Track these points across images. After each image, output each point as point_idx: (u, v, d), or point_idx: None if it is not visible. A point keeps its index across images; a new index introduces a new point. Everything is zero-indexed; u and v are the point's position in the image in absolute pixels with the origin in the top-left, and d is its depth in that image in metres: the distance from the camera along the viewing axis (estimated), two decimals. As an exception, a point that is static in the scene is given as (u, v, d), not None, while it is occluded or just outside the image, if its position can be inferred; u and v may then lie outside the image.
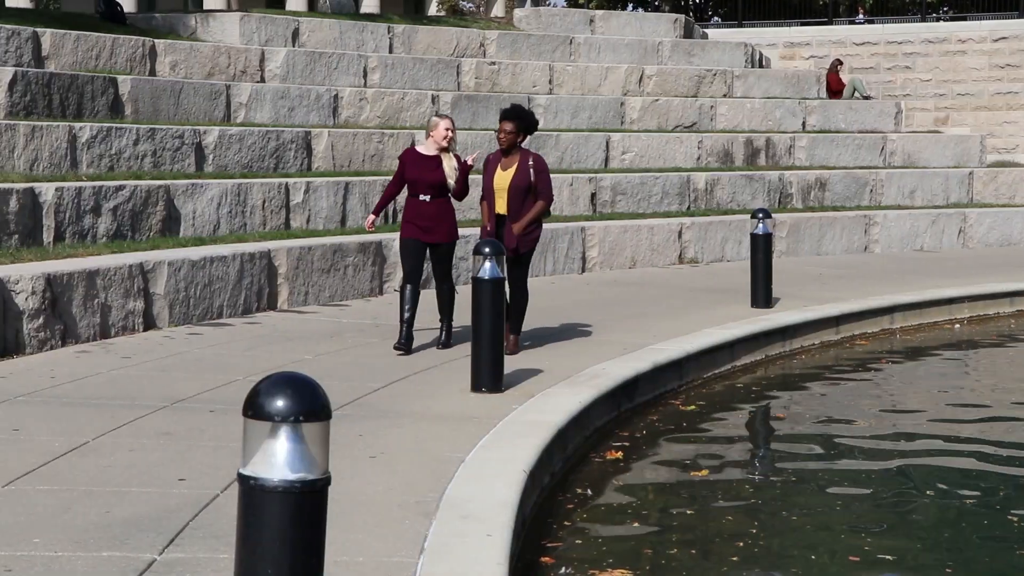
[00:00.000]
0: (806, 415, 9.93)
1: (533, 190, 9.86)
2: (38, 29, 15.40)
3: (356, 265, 13.40)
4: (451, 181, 9.93)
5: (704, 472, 8.01)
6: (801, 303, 13.49)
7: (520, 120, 9.93)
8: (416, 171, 9.96)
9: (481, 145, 17.84)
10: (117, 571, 4.85)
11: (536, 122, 10.13)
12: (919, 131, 24.94)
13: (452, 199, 10.14)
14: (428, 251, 10.04)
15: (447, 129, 10.02)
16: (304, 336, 10.77)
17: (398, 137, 17.00)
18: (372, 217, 10.33)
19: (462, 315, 10.89)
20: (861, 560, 6.29)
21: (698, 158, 20.48)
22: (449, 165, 9.94)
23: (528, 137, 10.17)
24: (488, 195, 9.98)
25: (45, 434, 7.02)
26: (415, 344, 10.07)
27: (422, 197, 9.92)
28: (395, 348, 9.88)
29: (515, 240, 9.76)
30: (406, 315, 9.90)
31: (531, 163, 9.88)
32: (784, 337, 12.25)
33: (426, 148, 10.08)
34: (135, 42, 16.58)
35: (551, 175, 10.52)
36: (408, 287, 9.94)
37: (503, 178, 9.91)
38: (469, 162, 10.00)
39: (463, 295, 12.49)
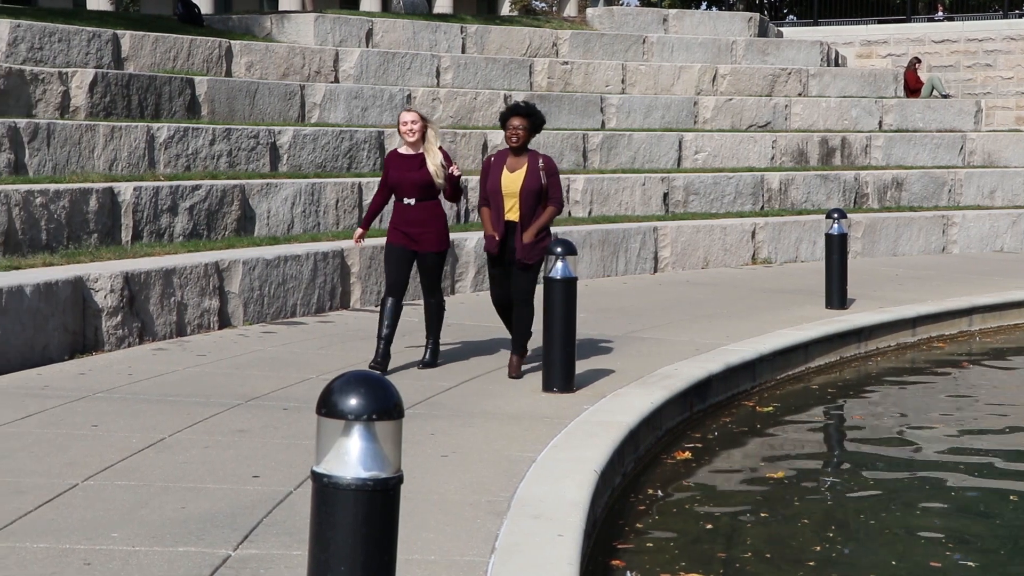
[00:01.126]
0: (883, 418, 9.79)
1: (543, 194, 8.94)
2: (118, 31, 15.64)
3: (428, 264, 13.43)
4: (438, 180, 9.02)
5: (780, 474, 7.92)
6: (877, 304, 13.32)
7: (532, 117, 9.06)
8: (398, 173, 9.06)
9: (554, 146, 17.83)
10: (193, 566, 4.90)
11: (544, 120, 9.27)
12: (999, 130, 24.51)
13: (442, 202, 9.32)
14: (416, 261, 9.16)
15: (405, 123, 9.07)
16: (375, 336, 10.81)
17: (470, 137, 17.03)
18: (360, 231, 9.39)
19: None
20: (942, 566, 6.19)
21: (772, 158, 20.29)
22: (434, 163, 8.99)
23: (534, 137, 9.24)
24: (494, 199, 8.94)
25: (123, 430, 7.12)
26: (391, 364, 9.11)
27: (407, 201, 9.04)
28: (370, 367, 8.80)
29: (527, 250, 8.81)
30: (384, 331, 8.96)
31: (541, 165, 8.96)
32: (860, 339, 12.10)
33: (406, 148, 9.17)
34: (212, 43, 16.77)
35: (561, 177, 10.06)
36: (389, 300, 9.04)
37: (513, 181, 8.92)
38: (455, 172, 9.06)
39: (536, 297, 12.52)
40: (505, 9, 36.54)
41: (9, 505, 5.59)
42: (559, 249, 8.58)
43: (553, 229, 15.31)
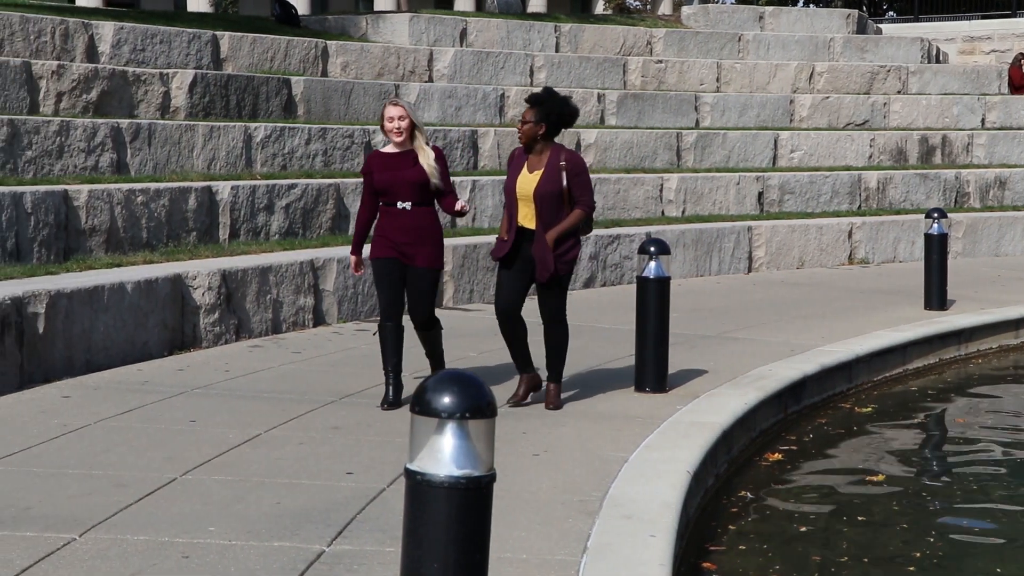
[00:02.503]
0: (985, 421, 9.59)
1: (568, 197, 7.62)
2: (217, 32, 15.89)
3: (521, 263, 13.45)
4: (434, 180, 7.70)
5: (879, 477, 7.79)
6: (978, 305, 13.05)
7: (544, 106, 7.57)
8: (388, 174, 7.71)
9: (647, 144, 17.75)
10: (287, 561, 4.96)
11: (571, 112, 7.68)
12: (1106, 128, 23.85)
13: (439, 211, 7.95)
14: (405, 279, 7.80)
15: (391, 119, 7.72)
16: (469, 333, 10.85)
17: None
18: (354, 259, 7.95)
19: (613, 315, 10.90)
20: (1043, 574, 6.04)
21: (870, 156, 19.99)
22: (427, 161, 7.71)
23: (562, 131, 7.85)
24: (509, 202, 7.80)
25: (220, 426, 7.23)
26: (386, 397, 7.84)
27: (401, 205, 7.70)
28: (382, 407, 7.72)
29: (549, 259, 7.55)
30: (391, 360, 7.78)
31: (563, 162, 7.57)
32: (960, 340, 11.85)
33: (391, 147, 7.86)
34: (308, 44, 16.97)
35: (591, 176, 8.66)
36: (388, 325, 7.81)
37: (527, 182, 7.67)
38: (458, 208, 7.76)
39: (619, 294, 12.47)
40: (599, 8, 36.49)
41: (111, 498, 5.70)
42: (652, 248, 8.54)
43: (647, 228, 15.37)
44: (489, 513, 3.36)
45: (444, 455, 3.26)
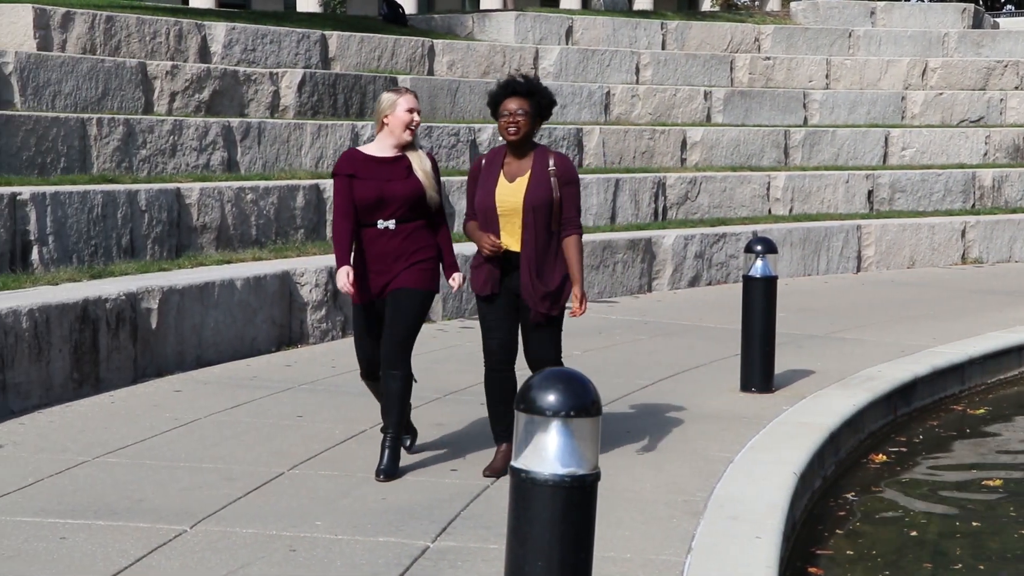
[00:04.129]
0: (1102, 427, 9.31)
1: (556, 210, 6.13)
2: (326, 32, 16.07)
3: (625, 262, 13.41)
4: (432, 192, 6.22)
5: (995, 482, 7.59)
6: (1097, 307, 12.68)
7: (536, 96, 6.16)
8: (375, 185, 6.12)
9: (754, 142, 17.55)
10: (392, 556, 4.99)
11: (554, 100, 6.30)
12: None
13: (427, 224, 6.28)
14: (386, 306, 6.21)
15: (410, 111, 6.32)
16: (573, 332, 10.81)
17: (668, 134, 16.91)
18: (346, 270, 6.09)
19: (718, 315, 10.83)
20: None
21: (985, 154, 19.52)
22: (423, 169, 6.23)
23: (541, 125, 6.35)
24: (486, 221, 6.17)
25: (326, 421, 7.31)
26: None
27: (383, 224, 6.10)
28: (377, 477, 6.10)
29: (544, 303, 6.19)
30: (392, 420, 6.17)
31: (552, 167, 6.13)
32: (1078, 343, 11.52)
33: (381, 146, 6.30)
34: (415, 43, 17.10)
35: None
36: (369, 383, 6.59)
37: (509, 194, 6.12)
38: (454, 285, 6.31)
39: (725, 293, 12.32)
40: (706, 5, 36.17)
41: (220, 491, 5.80)
42: (759, 247, 8.45)
43: (753, 227, 15.19)
44: (593, 512, 3.34)
45: (549, 453, 3.26)
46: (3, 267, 8.95)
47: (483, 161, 6.29)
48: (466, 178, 6.60)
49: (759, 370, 8.35)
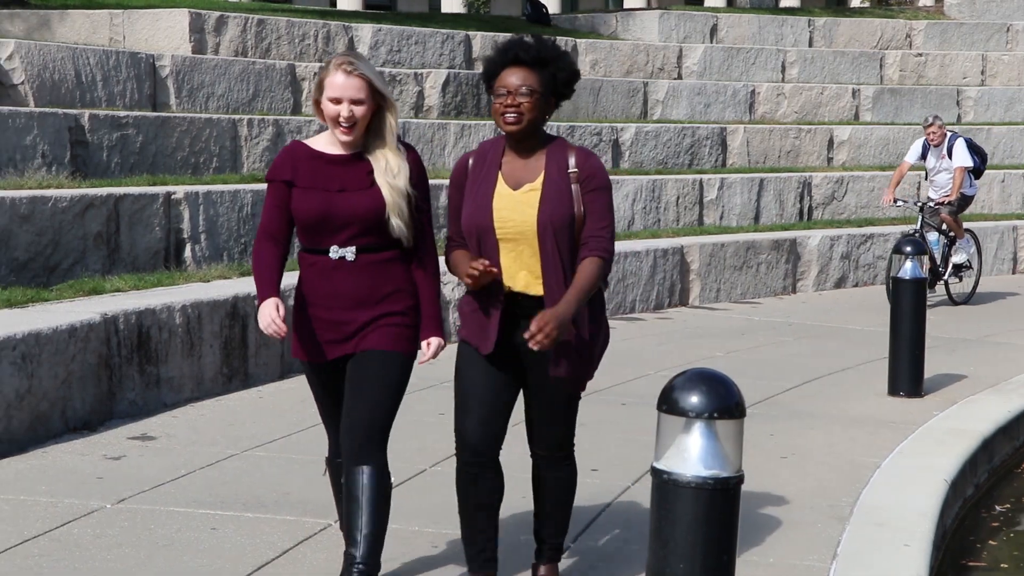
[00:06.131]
0: None
1: (577, 230, 4.27)
2: (470, 32, 16.21)
3: (768, 262, 13.23)
4: (397, 214, 4.26)
5: None
6: None
7: (548, 67, 4.33)
8: (320, 197, 4.28)
9: (904, 141, 17.13)
10: (531, 555, 5.00)
11: (576, 73, 4.44)
12: None
13: (406, 254, 4.36)
14: (347, 371, 4.38)
15: (338, 101, 4.27)
16: (715, 333, 10.73)
17: (815, 133, 16.63)
18: (275, 315, 4.27)
19: (865, 316, 10.57)
20: None
21: None
22: (387, 175, 4.28)
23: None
24: (479, 243, 4.31)
25: (468, 418, 7.35)
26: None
27: (337, 253, 4.29)
28: None
29: (581, 359, 4.46)
30: (366, 546, 4.27)
31: (573, 168, 4.28)
32: None
33: (330, 141, 4.38)
34: (558, 42, 17.12)
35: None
36: (339, 462, 4.55)
37: (516, 208, 4.28)
38: (426, 354, 4.49)
39: (872, 295, 12.06)
40: (855, 1, 35.48)
41: (363, 485, 5.88)
42: (908, 248, 8.28)
43: (902, 227, 14.80)
44: (737, 515, 3.30)
45: (691, 455, 3.23)
46: (158, 264, 9.24)
47: (470, 160, 4.38)
48: (610, 177, 4.35)
49: (908, 374, 8.17)
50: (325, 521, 5.32)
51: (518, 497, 5.09)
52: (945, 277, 12.67)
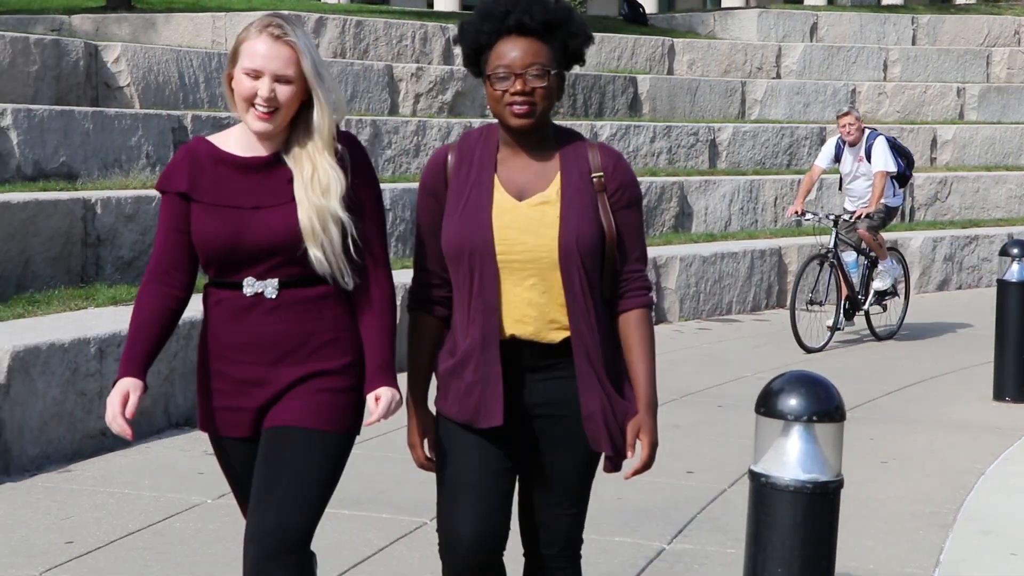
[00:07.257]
0: None
1: (608, 256, 3.15)
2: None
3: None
4: (316, 243, 3.04)
5: None
6: None
7: (558, 34, 3.12)
8: (225, 217, 3.08)
9: (1011, 140, 16.76)
10: (627, 556, 4.98)
11: (590, 37, 3.19)
12: None
13: (344, 294, 3.13)
14: (260, 447, 3.14)
15: (256, 74, 3.01)
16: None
17: (918, 132, 16.33)
18: (119, 413, 3.03)
19: (969, 320, 10.29)
20: None
21: None
22: (307, 187, 3.06)
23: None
24: (472, 274, 3.13)
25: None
26: None
27: (252, 289, 3.09)
28: None
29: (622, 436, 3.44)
30: None
31: (598, 173, 3.16)
32: None
33: (242, 138, 3.14)
34: (655, 42, 17.04)
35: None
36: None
37: (526, 225, 3.12)
38: (373, 414, 3.15)
39: (976, 297, 11.77)
40: (959, -2, 34.85)
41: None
42: (1015, 250, 8.10)
43: (1009, 229, 14.47)
44: (836, 520, 3.25)
45: (790, 458, 3.18)
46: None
47: (449, 158, 3.21)
48: (705, 178, 3.37)
49: (1014, 378, 7.98)
50: (421, 520, 5.35)
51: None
52: (865, 307, 10.35)
